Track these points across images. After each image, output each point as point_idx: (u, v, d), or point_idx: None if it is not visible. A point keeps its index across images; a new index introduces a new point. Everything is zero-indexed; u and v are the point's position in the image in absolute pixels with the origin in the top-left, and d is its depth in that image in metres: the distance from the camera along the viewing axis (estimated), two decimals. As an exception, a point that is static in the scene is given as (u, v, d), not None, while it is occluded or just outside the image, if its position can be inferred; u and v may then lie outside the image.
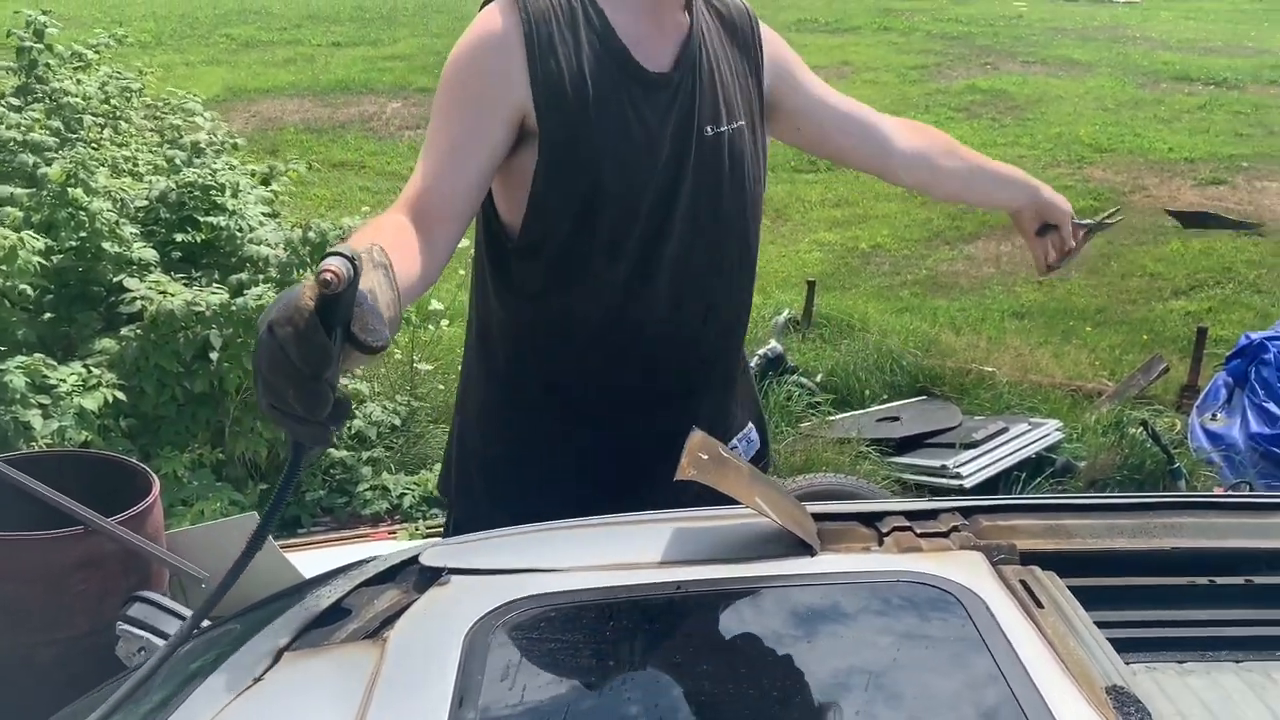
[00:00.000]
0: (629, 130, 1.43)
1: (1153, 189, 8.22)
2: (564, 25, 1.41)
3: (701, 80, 1.49)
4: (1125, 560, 1.13)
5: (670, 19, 1.49)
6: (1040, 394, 4.95)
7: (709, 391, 1.60)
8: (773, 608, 1.01)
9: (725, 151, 1.50)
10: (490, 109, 1.38)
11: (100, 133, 5.10)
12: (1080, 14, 16.13)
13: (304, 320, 0.98)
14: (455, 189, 1.36)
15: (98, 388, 3.41)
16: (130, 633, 1.60)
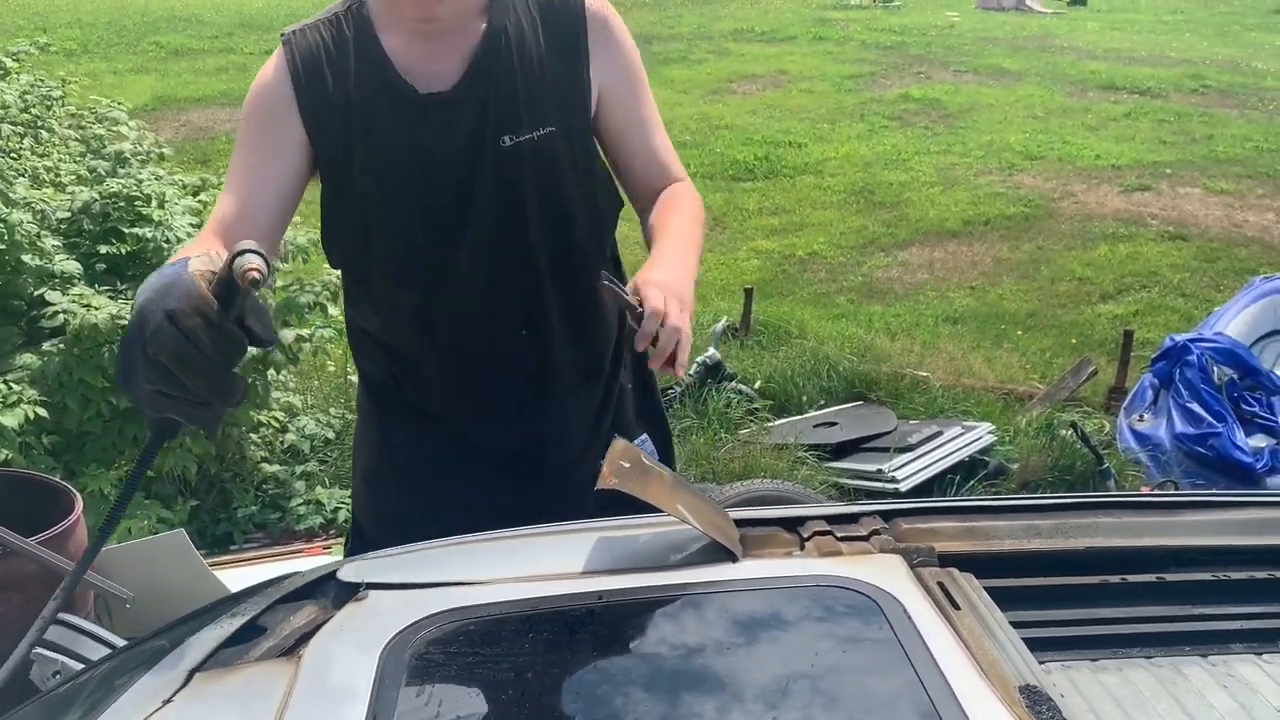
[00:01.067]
0: (398, 157, 1.43)
1: (1080, 195, 8.41)
2: (333, 57, 1.45)
3: (498, 89, 1.43)
4: (1041, 560, 1.14)
5: (452, 35, 1.44)
6: (973, 397, 5.02)
7: (550, 403, 1.56)
8: (695, 615, 1.01)
9: (529, 159, 1.43)
10: (272, 145, 1.45)
11: (20, 142, 4.97)
12: (1010, 24, 16.47)
13: (213, 312, 0.99)
14: (253, 218, 1.42)
15: (18, 404, 3.32)
16: (44, 656, 1.56)
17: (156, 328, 0.99)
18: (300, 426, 4.20)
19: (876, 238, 7.54)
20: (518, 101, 1.43)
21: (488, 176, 1.42)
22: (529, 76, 1.44)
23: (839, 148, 9.63)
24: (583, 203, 1.50)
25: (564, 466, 1.58)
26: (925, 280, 6.79)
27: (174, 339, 0.98)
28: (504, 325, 1.50)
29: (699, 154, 9.40)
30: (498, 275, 1.47)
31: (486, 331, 1.49)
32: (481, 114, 1.42)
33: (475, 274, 1.46)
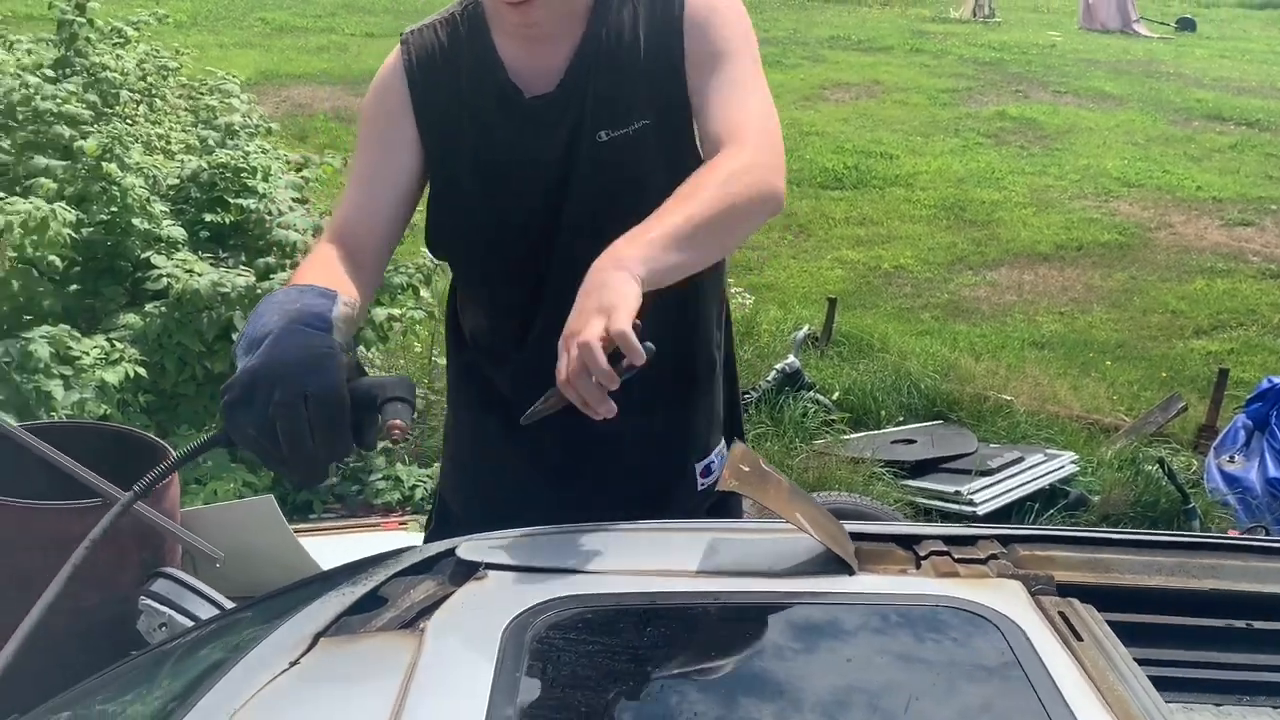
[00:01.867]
0: (504, 157, 1.45)
1: (1179, 226, 8.20)
2: (448, 58, 1.48)
3: (595, 87, 1.43)
4: (1163, 598, 1.12)
5: (557, 38, 1.44)
6: (1056, 425, 4.93)
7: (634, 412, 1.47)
8: (812, 625, 1.01)
9: (623, 152, 1.43)
10: (389, 145, 1.49)
11: (136, 109, 5.12)
12: (1114, 47, 16.10)
13: (345, 416, 1.07)
14: (374, 219, 1.46)
15: (119, 362, 3.42)
16: (152, 608, 1.61)
17: (289, 402, 1.05)
18: (384, 404, 4.27)
19: (965, 255, 7.43)
20: (613, 98, 1.43)
21: (583, 173, 1.43)
22: (624, 72, 1.43)
23: (931, 162, 9.51)
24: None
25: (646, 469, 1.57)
26: (1013, 302, 6.68)
27: (297, 419, 1.05)
28: None
29: (788, 159, 9.23)
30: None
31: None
32: (579, 112, 1.43)
33: (572, 272, 1.47)
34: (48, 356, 3.27)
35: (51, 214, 3.45)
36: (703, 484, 1.57)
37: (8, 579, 2.52)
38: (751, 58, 1.46)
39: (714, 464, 1.60)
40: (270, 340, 1.10)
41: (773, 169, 1.38)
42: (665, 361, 1.50)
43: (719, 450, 1.60)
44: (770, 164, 1.38)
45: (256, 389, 1.07)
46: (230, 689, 0.93)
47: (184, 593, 1.58)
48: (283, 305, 1.16)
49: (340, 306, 1.17)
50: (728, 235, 1.34)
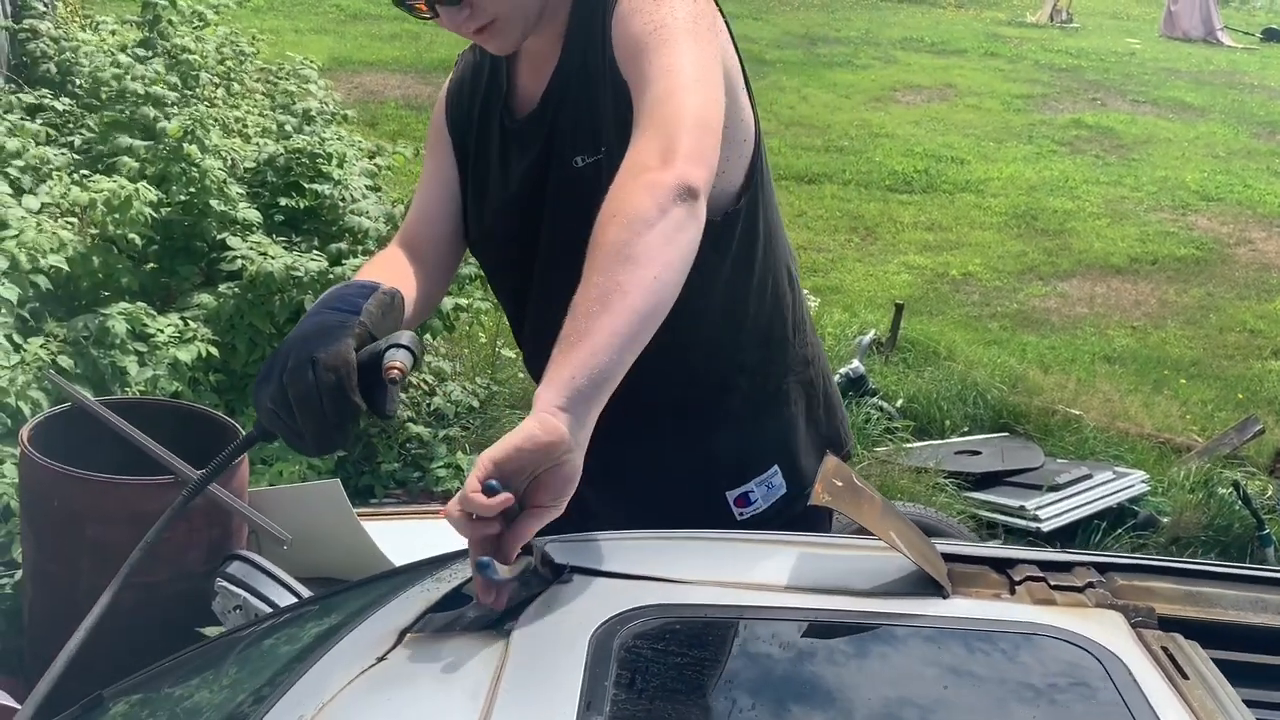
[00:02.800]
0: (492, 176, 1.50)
1: (1259, 243, 7.98)
2: (475, 77, 1.53)
3: (572, 108, 1.41)
4: (1268, 636, 1.08)
5: (539, 59, 1.43)
6: (1127, 443, 4.83)
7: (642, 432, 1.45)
8: (905, 648, 0.99)
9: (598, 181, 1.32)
10: (437, 155, 1.56)
11: (215, 92, 5.21)
12: (1196, 56, 15.72)
13: (351, 377, 1.11)
14: (436, 221, 1.54)
15: (193, 340, 3.48)
16: (228, 590, 1.62)
17: (297, 364, 1.11)
18: (448, 392, 4.30)
19: (1036, 265, 7.30)
20: (585, 122, 1.41)
21: (557, 195, 1.43)
22: (594, 95, 1.39)
23: (1003, 168, 9.35)
24: None
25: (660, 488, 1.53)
26: (1084, 315, 6.55)
27: (304, 383, 1.10)
28: None
29: (856, 160, 9.26)
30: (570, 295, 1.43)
31: None
32: (551, 135, 1.43)
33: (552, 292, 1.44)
34: (124, 333, 3.33)
35: (135, 193, 3.51)
36: (741, 514, 1.51)
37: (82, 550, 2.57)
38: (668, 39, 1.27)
39: (753, 492, 1.51)
40: (296, 325, 1.18)
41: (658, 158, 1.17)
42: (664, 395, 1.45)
43: (764, 478, 1.52)
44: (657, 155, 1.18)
45: (274, 365, 1.14)
46: (317, 681, 0.93)
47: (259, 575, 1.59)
48: (323, 296, 1.24)
49: (379, 295, 1.21)
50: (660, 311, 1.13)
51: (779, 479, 1.52)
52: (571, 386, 1.02)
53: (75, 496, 2.50)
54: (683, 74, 1.24)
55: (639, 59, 1.27)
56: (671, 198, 1.14)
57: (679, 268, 1.14)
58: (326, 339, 1.13)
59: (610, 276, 1.09)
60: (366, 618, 1.02)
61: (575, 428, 1.02)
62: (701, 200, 1.17)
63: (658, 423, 1.50)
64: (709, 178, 1.19)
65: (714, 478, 1.51)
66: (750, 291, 1.50)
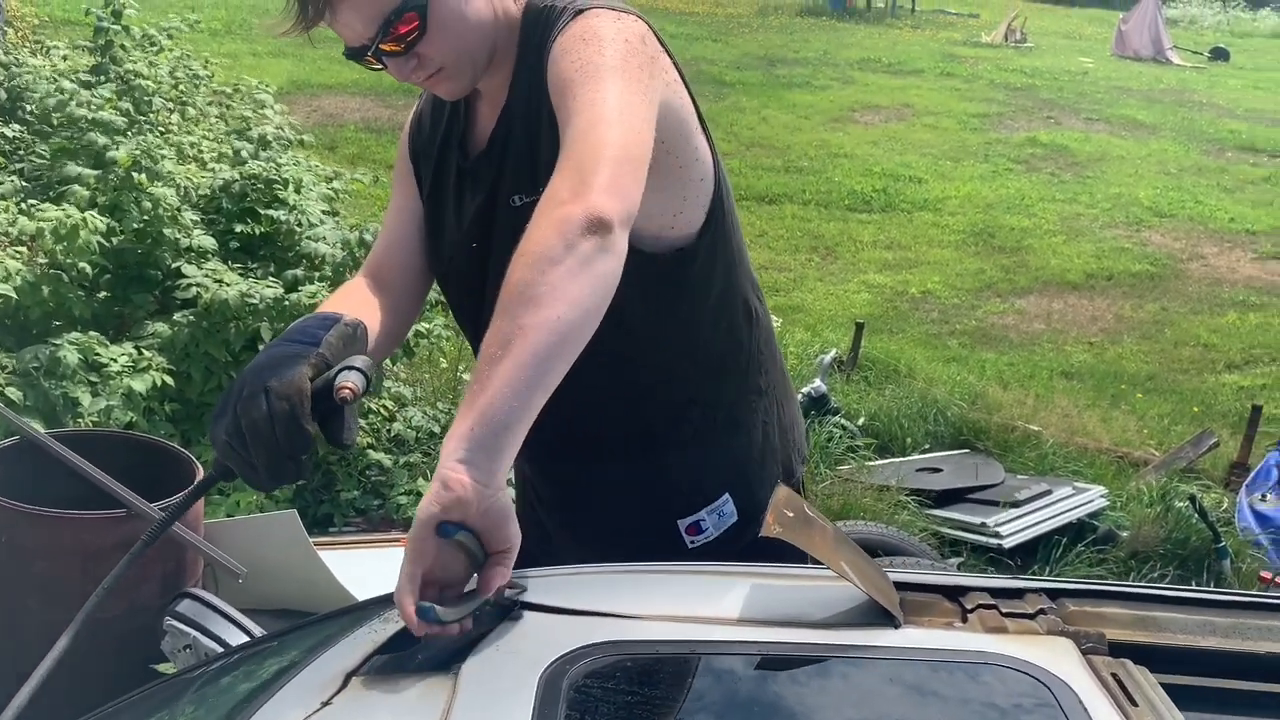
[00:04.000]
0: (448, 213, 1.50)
1: (1211, 258, 8.12)
2: (433, 111, 1.53)
3: (516, 148, 1.41)
4: (1216, 660, 1.08)
5: (491, 96, 1.44)
6: (1085, 458, 4.87)
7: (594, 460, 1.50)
8: (857, 681, 0.98)
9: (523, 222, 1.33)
10: (404, 184, 1.56)
11: (168, 117, 5.15)
12: (1147, 75, 16.02)
13: (304, 405, 1.10)
14: (403, 251, 1.53)
15: (147, 370, 3.42)
16: (177, 629, 1.59)
17: (251, 394, 1.11)
18: (409, 417, 4.26)
19: (994, 282, 7.38)
20: (527, 161, 1.40)
21: (502, 235, 1.41)
22: (534, 136, 1.39)
23: (960, 187, 9.47)
24: None
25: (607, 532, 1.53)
26: (1042, 331, 6.63)
27: (257, 412, 1.09)
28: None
29: (816, 180, 9.33)
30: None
31: None
32: (499, 175, 1.44)
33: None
34: (76, 363, 3.27)
35: (82, 222, 3.46)
36: (692, 542, 1.50)
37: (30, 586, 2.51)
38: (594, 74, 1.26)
39: (704, 521, 1.51)
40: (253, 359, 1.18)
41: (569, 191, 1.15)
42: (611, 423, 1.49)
43: (715, 506, 1.51)
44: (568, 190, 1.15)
45: (230, 398, 1.14)
46: (260, 728, 0.91)
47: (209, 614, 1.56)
48: (285, 331, 1.23)
49: (339, 327, 1.21)
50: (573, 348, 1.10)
51: (730, 507, 1.52)
52: (470, 439, 1.01)
53: (24, 533, 2.45)
54: (605, 107, 1.22)
55: (565, 96, 1.25)
56: (579, 231, 1.10)
57: (588, 304, 1.10)
58: (280, 368, 1.12)
59: (513, 320, 1.07)
60: (312, 661, 1.00)
61: (482, 475, 1.00)
62: (618, 233, 1.13)
63: (609, 451, 1.52)
64: (627, 209, 1.16)
65: (666, 506, 1.51)
66: (704, 324, 1.50)
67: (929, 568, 3.29)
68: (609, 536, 1.50)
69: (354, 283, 1.51)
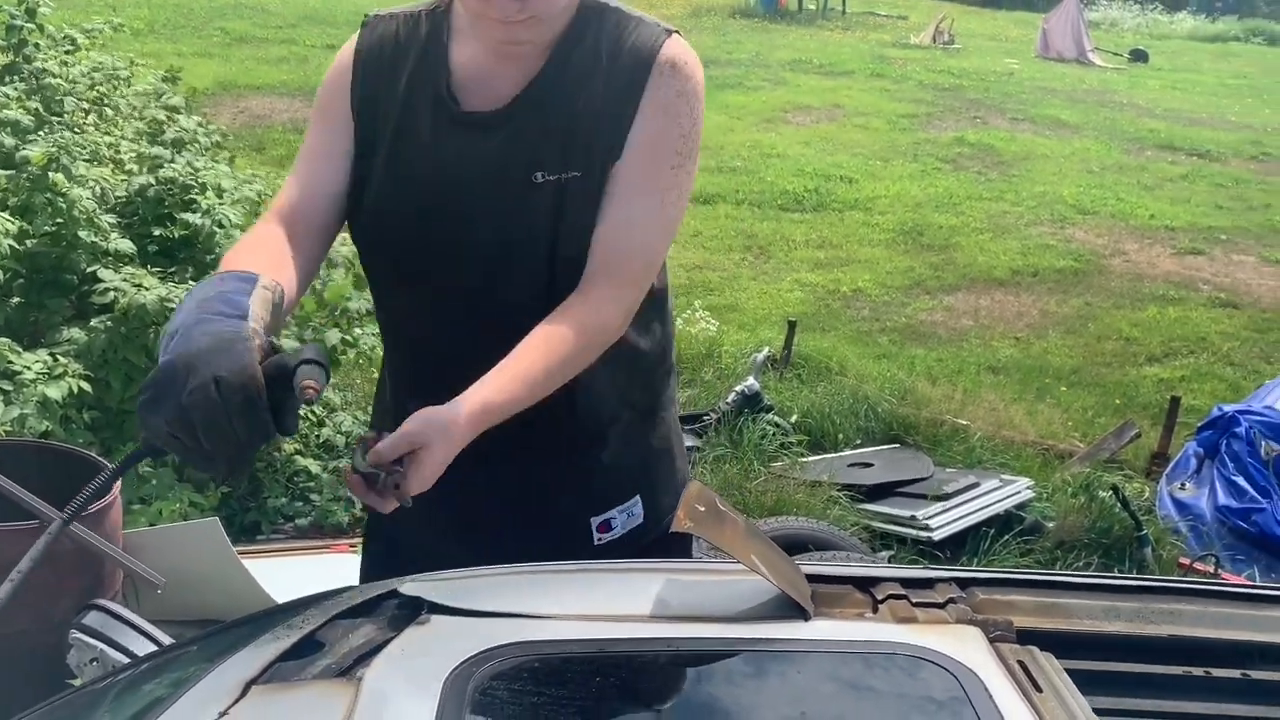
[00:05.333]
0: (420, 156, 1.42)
1: (1132, 254, 8.32)
2: (399, 51, 1.45)
3: (545, 123, 1.39)
4: (1121, 644, 1.10)
5: (519, 58, 1.41)
6: (1012, 450, 4.96)
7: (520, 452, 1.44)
8: (765, 673, 0.98)
9: (552, 197, 1.38)
10: (335, 125, 1.47)
11: (85, 118, 5.02)
12: (1070, 76, 16.37)
13: (261, 395, 1.04)
14: (317, 200, 1.43)
15: (63, 377, 3.33)
16: (84, 642, 1.54)
17: (200, 387, 1.02)
18: (337, 423, 4.20)
19: (923, 280, 7.48)
20: (560, 140, 1.39)
21: (507, 206, 1.39)
22: (578, 117, 1.39)
23: (890, 186, 9.58)
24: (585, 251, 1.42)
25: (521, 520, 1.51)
26: (969, 327, 6.73)
27: (213, 408, 1.02)
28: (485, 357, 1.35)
29: (749, 180, 9.38)
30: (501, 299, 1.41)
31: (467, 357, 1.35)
32: (518, 142, 1.39)
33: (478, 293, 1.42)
34: (-13, 371, 3.17)
35: (-8, 224, 3.36)
36: (600, 539, 1.51)
37: (-65, 604, 2.43)
38: (679, 164, 1.40)
39: (615, 519, 1.52)
40: (180, 334, 1.08)
41: (621, 319, 1.40)
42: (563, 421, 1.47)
43: (626, 506, 1.53)
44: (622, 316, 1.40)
45: (167, 384, 1.05)
46: (154, 742, 0.88)
47: (117, 626, 1.51)
48: (199, 296, 1.14)
49: (259, 290, 1.15)
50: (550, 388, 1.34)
51: (639, 508, 1.53)
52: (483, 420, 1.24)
53: (-72, 547, 2.36)
54: (667, 228, 1.42)
55: (656, 165, 1.39)
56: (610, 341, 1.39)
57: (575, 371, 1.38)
58: (227, 354, 1.04)
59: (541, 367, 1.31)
60: (211, 670, 0.97)
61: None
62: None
63: (554, 448, 1.49)
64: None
65: (583, 502, 1.51)
66: (652, 324, 1.53)
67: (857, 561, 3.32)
68: (520, 526, 1.48)
69: (261, 232, 1.39)
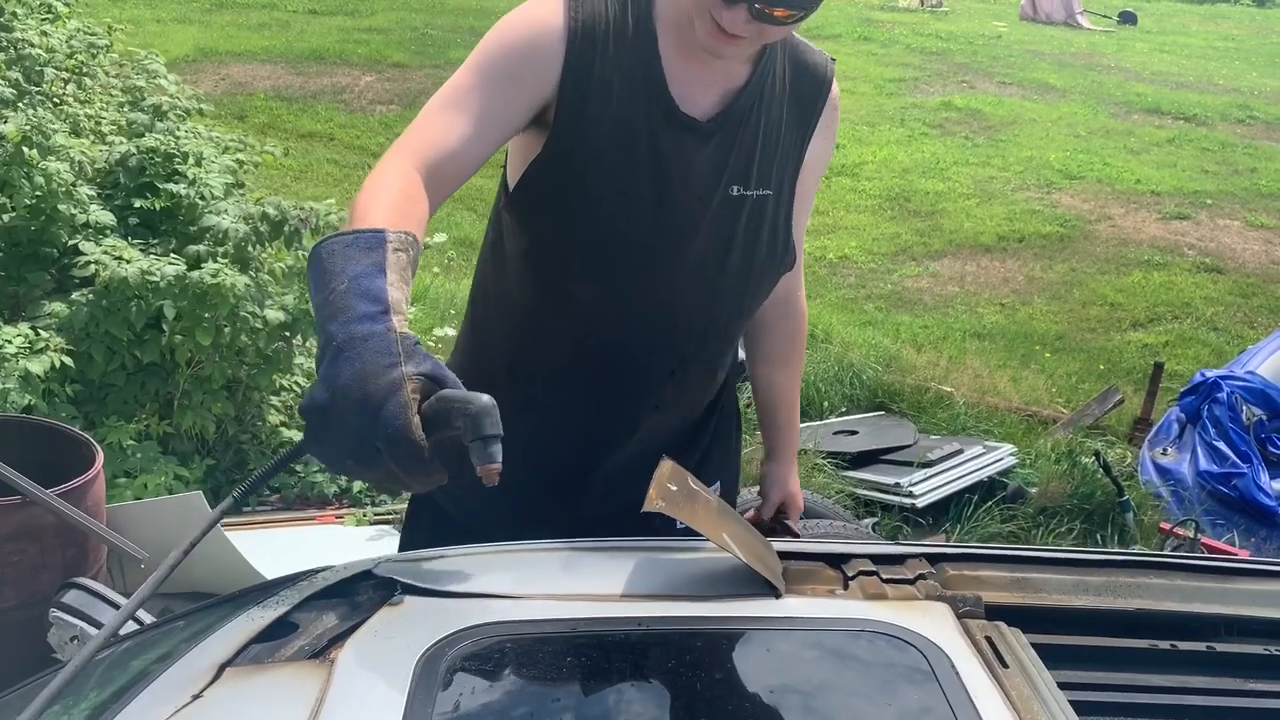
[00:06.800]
0: (639, 161, 1.38)
1: (1118, 219, 8.32)
2: (611, 36, 1.38)
3: (743, 138, 1.43)
4: (1089, 619, 1.11)
5: (725, 67, 1.41)
6: (996, 417, 4.98)
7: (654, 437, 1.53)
8: (735, 651, 0.99)
9: (744, 215, 1.44)
10: (523, 92, 1.37)
11: (63, 88, 4.96)
12: (1058, 39, 16.29)
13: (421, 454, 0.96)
14: (471, 156, 1.34)
15: (45, 351, 3.32)
16: (63, 620, 1.55)
17: (363, 457, 0.97)
18: (323, 394, 4.19)
19: (909, 246, 7.48)
20: (754, 156, 1.43)
21: (707, 216, 1.42)
22: (768, 135, 1.45)
23: (877, 151, 9.55)
24: (769, 265, 1.51)
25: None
26: (955, 293, 6.74)
27: (380, 470, 0.97)
28: (657, 359, 1.47)
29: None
30: (677, 304, 1.45)
31: (639, 357, 1.46)
32: (723, 156, 1.42)
33: (667, 300, 1.44)
34: (-33, 346, 3.16)
35: (-31, 198, 3.33)
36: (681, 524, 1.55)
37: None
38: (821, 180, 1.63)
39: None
40: (328, 362, 1.01)
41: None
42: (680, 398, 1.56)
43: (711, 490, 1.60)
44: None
45: (328, 429, 0.99)
46: (128, 724, 0.89)
47: (97, 604, 1.52)
48: (332, 283, 1.05)
49: (391, 256, 1.07)
50: None
51: (719, 488, 1.67)
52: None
53: (-90, 523, 2.37)
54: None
55: (813, 184, 1.57)
56: None
57: None
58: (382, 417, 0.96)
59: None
60: (185, 652, 0.98)
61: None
62: None
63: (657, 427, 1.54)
64: None
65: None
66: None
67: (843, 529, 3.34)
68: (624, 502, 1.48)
69: (401, 177, 1.26)
